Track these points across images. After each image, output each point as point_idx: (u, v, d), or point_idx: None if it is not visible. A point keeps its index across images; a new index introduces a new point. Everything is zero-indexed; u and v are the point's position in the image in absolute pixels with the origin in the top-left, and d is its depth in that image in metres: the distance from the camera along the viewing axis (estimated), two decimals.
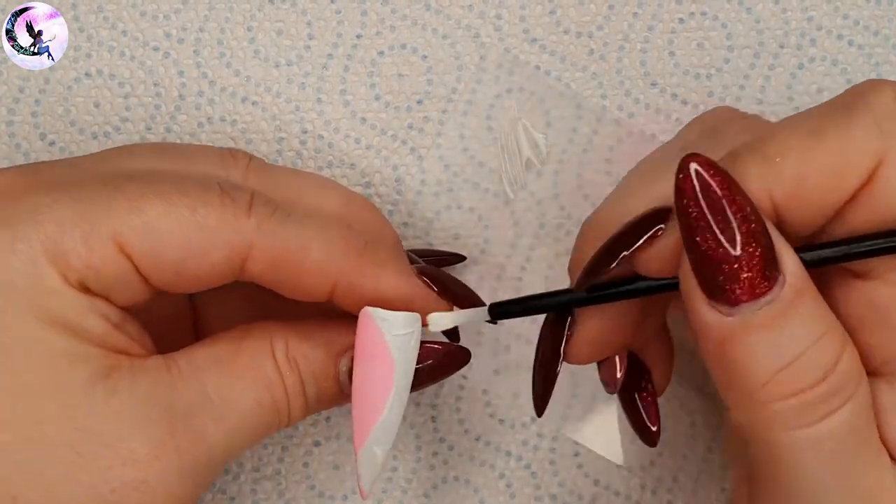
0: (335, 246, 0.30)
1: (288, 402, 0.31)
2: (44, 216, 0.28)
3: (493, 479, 0.39)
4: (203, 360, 0.30)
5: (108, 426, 0.28)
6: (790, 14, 0.39)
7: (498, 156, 0.39)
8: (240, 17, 0.39)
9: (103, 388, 0.28)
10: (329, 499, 0.39)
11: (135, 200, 0.29)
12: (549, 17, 0.39)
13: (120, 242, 0.28)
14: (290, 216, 0.30)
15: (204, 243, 0.29)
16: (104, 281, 0.28)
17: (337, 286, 0.30)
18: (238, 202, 0.29)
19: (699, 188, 0.26)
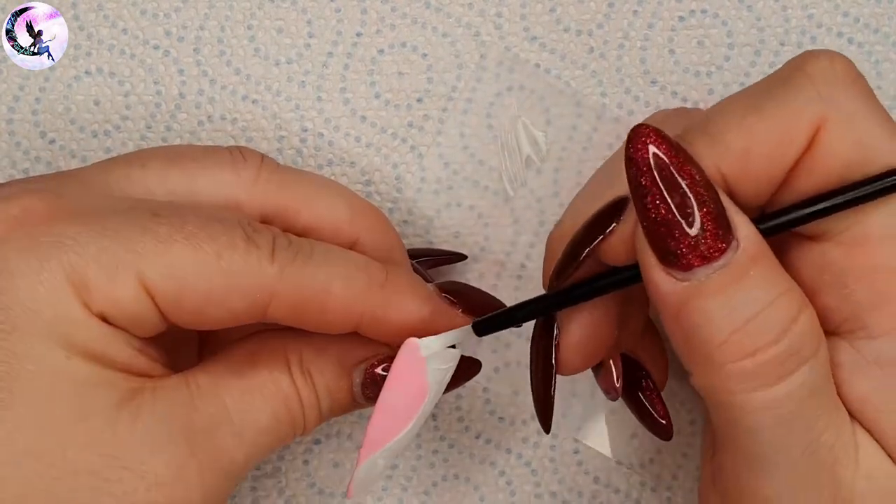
0: (357, 282, 0.30)
1: (304, 414, 0.31)
2: (69, 247, 0.28)
3: (493, 476, 0.39)
4: (221, 376, 0.30)
5: (132, 450, 0.28)
6: (790, 12, 0.39)
7: (498, 154, 0.39)
8: (240, 16, 0.39)
9: (127, 413, 0.28)
10: (329, 496, 0.39)
11: (162, 241, 0.29)
12: (549, 16, 0.39)
13: (144, 283, 0.28)
14: (311, 258, 0.30)
15: (227, 289, 0.29)
16: (125, 316, 0.29)
17: (361, 320, 0.31)
18: (262, 248, 0.29)
19: (650, 157, 0.26)
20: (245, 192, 0.32)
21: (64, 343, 0.28)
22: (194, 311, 0.29)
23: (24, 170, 0.38)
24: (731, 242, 0.26)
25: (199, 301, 0.29)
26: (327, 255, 0.31)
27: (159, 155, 0.32)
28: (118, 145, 0.38)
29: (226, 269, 0.29)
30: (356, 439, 0.39)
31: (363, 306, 0.30)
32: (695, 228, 0.26)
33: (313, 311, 0.30)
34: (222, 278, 0.29)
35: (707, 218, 0.26)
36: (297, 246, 0.30)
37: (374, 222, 0.34)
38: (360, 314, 0.30)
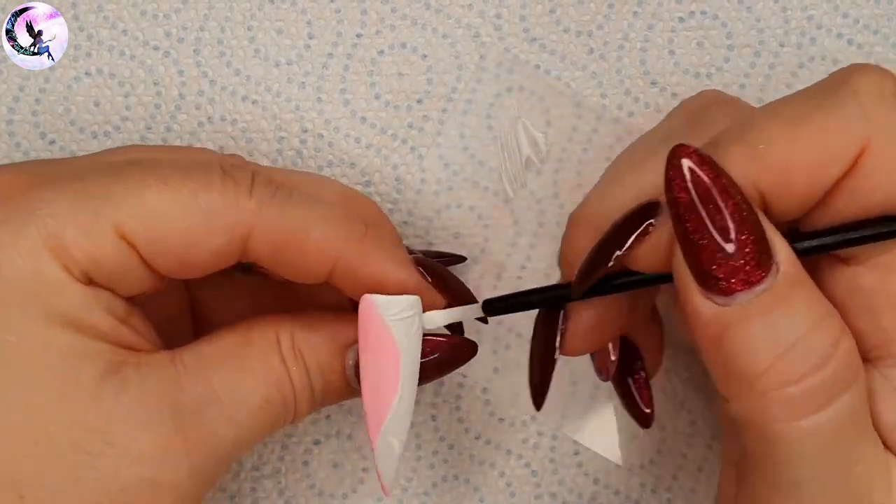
0: (337, 228, 0.30)
1: (295, 397, 0.31)
2: (43, 210, 0.28)
3: (493, 477, 0.39)
4: (209, 356, 0.30)
5: (117, 425, 0.28)
6: (790, 13, 0.39)
7: (498, 154, 0.39)
8: (240, 17, 0.39)
9: (111, 386, 0.28)
10: (329, 497, 0.39)
11: (135, 186, 0.28)
12: (548, 17, 0.39)
13: (122, 231, 0.28)
14: (291, 197, 0.30)
15: (207, 227, 0.29)
16: (108, 271, 0.28)
17: (336, 268, 0.30)
18: (240, 183, 0.29)
19: (689, 180, 0.26)
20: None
21: (45, 312, 0.28)
22: (176, 253, 0.29)
23: None
24: (771, 266, 0.26)
25: (179, 242, 0.28)
26: (307, 199, 0.30)
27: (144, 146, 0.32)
28: (118, 146, 0.38)
29: (203, 206, 0.28)
30: (356, 439, 0.39)
31: (339, 252, 0.30)
32: (736, 252, 0.26)
33: (291, 250, 0.30)
34: (200, 216, 0.28)
35: (748, 241, 0.26)
36: (276, 185, 0.30)
37: (365, 207, 0.34)
38: (335, 260, 0.30)
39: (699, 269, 0.26)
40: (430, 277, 0.32)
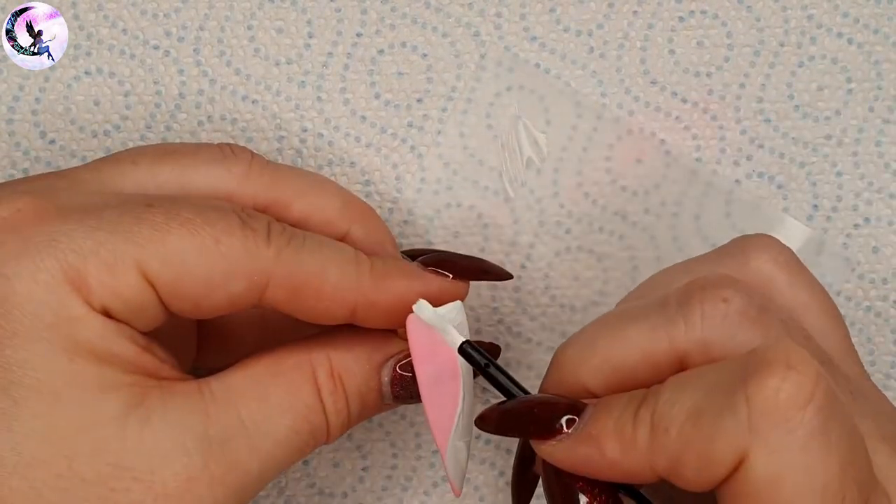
0: (349, 269, 0.30)
1: (327, 423, 0.31)
2: (64, 245, 0.28)
3: (492, 476, 0.39)
4: (238, 386, 0.30)
5: (141, 459, 0.28)
6: (790, 12, 0.39)
7: (499, 154, 0.39)
8: (240, 16, 0.39)
9: (136, 419, 0.28)
10: (329, 496, 0.39)
11: (158, 229, 0.28)
12: (548, 15, 0.39)
13: (144, 271, 0.28)
14: (305, 243, 0.30)
15: (226, 273, 0.29)
16: (127, 308, 0.28)
17: (357, 307, 0.30)
18: (258, 232, 0.29)
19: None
20: (236, 186, 0.32)
21: (67, 345, 0.27)
22: (194, 297, 0.29)
23: (24, 170, 0.38)
24: None
25: (199, 286, 0.29)
26: (320, 243, 0.30)
27: (149, 151, 0.32)
28: (118, 145, 0.38)
29: (224, 252, 0.29)
30: (356, 439, 0.39)
31: (356, 293, 0.30)
32: None
33: (309, 297, 0.30)
34: (221, 262, 0.29)
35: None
36: (290, 232, 0.30)
37: (364, 215, 0.34)
38: (354, 301, 0.30)
39: None
40: (443, 268, 0.32)
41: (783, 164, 0.39)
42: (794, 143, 0.39)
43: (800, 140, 0.39)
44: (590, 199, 0.39)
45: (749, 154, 0.39)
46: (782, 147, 0.39)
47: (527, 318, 0.39)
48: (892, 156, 0.39)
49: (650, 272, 0.38)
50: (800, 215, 0.39)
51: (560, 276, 0.39)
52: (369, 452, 0.39)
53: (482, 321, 0.39)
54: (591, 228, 0.39)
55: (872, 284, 0.39)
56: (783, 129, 0.39)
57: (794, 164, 0.39)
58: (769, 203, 0.39)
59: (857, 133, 0.39)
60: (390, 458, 0.39)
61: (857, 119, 0.39)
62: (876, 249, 0.39)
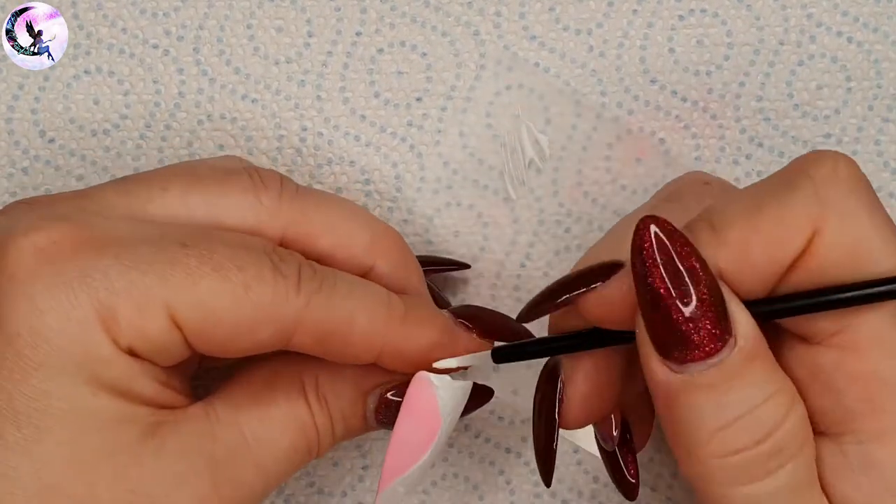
0: (378, 314, 0.31)
1: (318, 441, 0.32)
2: (98, 283, 0.28)
3: (492, 475, 0.39)
4: (240, 403, 0.31)
5: (157, 485, 0.28)
6: (790, 11, 0.39)
7: (501, 156, 0.39)
8: (239, 15, 0.39)
9: (152, 447, 0.29)
10: (328, 496, 0.39)
11: (191, 274, 0.29)
12: (548, 14, 0.39)
13: (173, 315, 0.29)
14: (335, 289, 0.30)
15: (255, 320, 0.29)
16: (153, 349, 0.29)
17: (382, 353, 0.31)
18: (288, 277, 0.30)
19: (656, 247, 0.27)
20: (267, 218, 0.32)
21: (91, 380, 0.28)
22: (221, 341, 0.29)
23: (24, 168, 0.38)
24: (728, 340, 0.27)
25: (227, 332, 0.29)
26: (351, 288, 0.31)
27: (179, 176, 0.32)
28: (117, 144, 0.38)
29: (254, 300, 0.29)
30: (356, 439, 0.39)
31: (384, 339, 0.31)
32: (694, 322, 0.26)
33: (337, 343, 0.30)
34: (250, 310, 0.29)
35: (706, 312, 0.26)
36: (321, 276, 0.30)
37: (393, 248, 0.34)
38: (381, 347, 0.31)
39: (657, 334, 0.27)
40: (472, 323, 0.33)
41: (783, 162, 0.39)
42: (794, 142, 0.39)
43: (799, 139, 0.39)
44: (589, 198, 0.39)
45: (749, 153, 0.39)
46: (782, 146, 0.39)
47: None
48: (892, 154, 0.39)
49: None
50: None
51: (560, 274, 0.39)
52: (369, 451, 0.39)
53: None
54: (591, 227, 0.39)
55: None
56: (783, 127, 0.39)
57: None
58: None
59: (857, 132, 0.39)
60: None
61: (856, 118, 0.39)
62: None
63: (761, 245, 0.27)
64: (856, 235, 0.27)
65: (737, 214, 0.28)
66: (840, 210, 0.27)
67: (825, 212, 0.27)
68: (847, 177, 0.28)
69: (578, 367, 0.31)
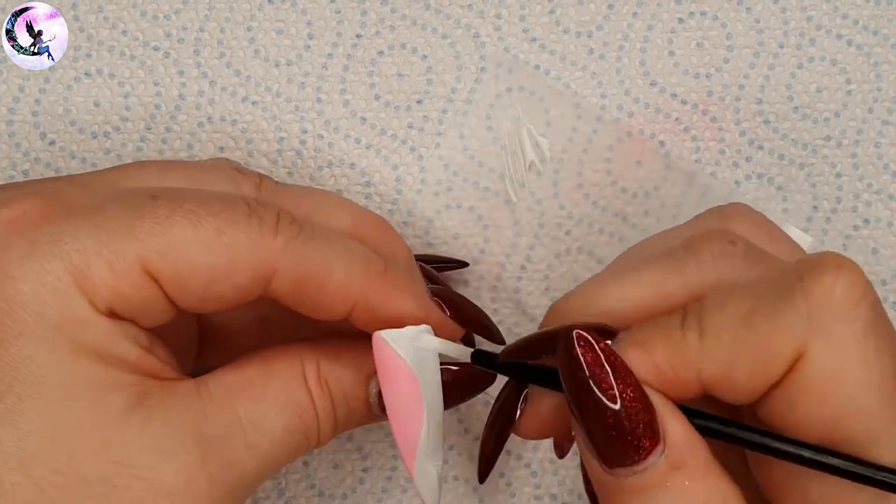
0: (357, 267, 0.30)
1: (318, 426, 0.31)
2: (68, 245, 0.28)
3: (493, 478, 0.39)
4: (234, 385, 0.30)
5: (142, 457, 0.28)
6: (790, 14, 0.39)
7: (501, 159, 0.39)
8: (240, 17, 0.39)
9: (137, 418, 0.28)
10: (329, 498, 0.39)
11: (160, 222, 0.28)
12: (548, 17, 0.39)
13: (146, 267, 0.28)
14: (314, 235, 0.30)
15: (231, 265, 0.29)
16: (132, 306, 0.28)
17: (356, 306, 0.30)
18: (265, 221, 0.29)
19: (583, 358, 0.27)
20: None
21: (72, 345, 0.28)
22: (199, 290, 0.29)
23: (24, 171, 0.38)
24: (654, 448, 0.26)
25: (203, 279, 0.29)
26: (330, 236, 0.30)
27: (158, 161, 0.32)
28: (118, 146, 0.38)
29: (228, 244, 0.28)
30: (356, 440, 0.39)
31: (359, 292, 0.30)
32: (619, 430, 0.26)
33: (312, 290, 0.30)
34: (224, 254, 0.28)
35: (633, 421, 0.26)
36: (300, 223, 0.30)
37: (376, 231, 0.34)
38: (355, 300, 0.30)
39: (588, 435, 0.27)
40: (447, 308, 0.32)
41: (783, 165, 0.39)
42: (794, 145, 0.39)
43: (799, 141, 0.39)
44: (590, 200, 0.39)
45: (748, 155, 0.39)
46: (782, 148, 0.39)
47: (527, 320, 0.39)
48: (891, 157, 0.39)
49: None
50: (799, 217, 0.39)
51: (560, 277, 0.39)
52: (369, 454, 0.39)
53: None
54: (591, 230, 0.39)
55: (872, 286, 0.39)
56: (782, 130, 0.39)
57: (793, 165, 0.39)
58: (769, 204, 0.39)
59: (857, 134, 0.39)
60: (390, 459, 0.39)
61: (856, 120, 0.39)
62: (875, 251, 0.39)
63: (746, 364, 0.27)
64: (839, 365, 0.26)
65: (727, 324, 0.27)
66: (827, 336, 0.26)
67: (812, 337, 0.26)
68: (843, 299, 0.26)
69: (545, 393, 0.31)
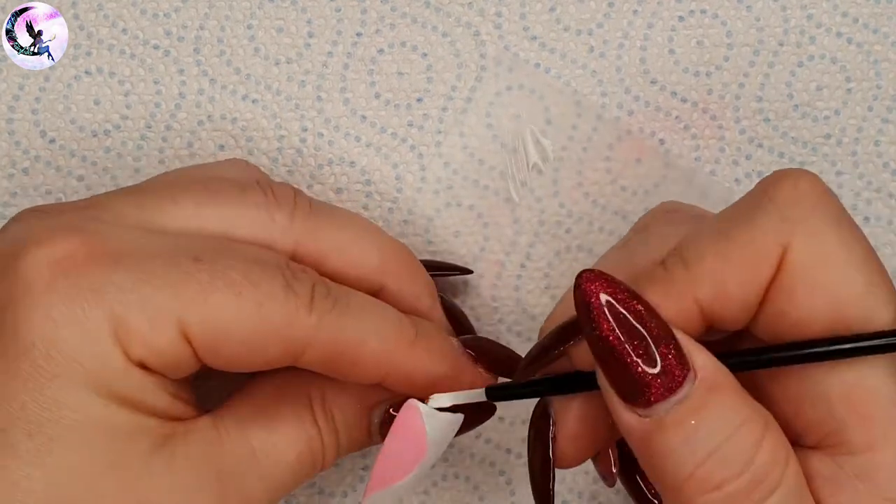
0: (389, 338, 0.31)
1: (323, 453, 0.32)
2: (111, 296, 0.28)
3: (493, 476, 0.39)
4: (247, 417, 0.31)
5: (165, 497, 0.29)
6: (789, 12, 0.39)
7: (503, 158, 0.39)
8: (240, 15, 0.39)
9: (162, 459, 0.29)
10: (329, 496, 0.39)
11: (203, 290, 0.29)
12: (548, 15, 0.39)
13: (184, 329, 0.29)
14: (348, 309, 0.30)
15: (265, 338, 0.29)
16: (164, 362, 0.29)
17: (388, 375, 0.31)
18: (301, 297, 0.30)
19: (598, 299, 0.27)
20: (279, 236, 0.32)
21: (103, 391, 0.28)
22: (230, 356, 0.29)
23: (24, 169, 0.38)
24: (687, 375, 0.27)
25: (237, 348, 0.29)
26: (363, 308, 0.31)
27: (191, 189, 0.32)
28: (118, 145, 0.38)
29: (265, 317, 0.29)
30: None
31: (391, 363, 0.31)
32: (650, 365, 0.27)
33: (345, 363, 0.30)
34: (261, 327, 0.29)
35: (661, 353, 0.27)
36: (334, 295, 0.30)
37: (403, 268, 0.34)
38: (387, 370, 0.31)
39: (617, 383, 0.27)
40: (478, 357, 0.33)
41: (783, 163, 0.39)
42: (794, 143, 0.39)
43: (799, 139, 0.39)
44: (590, 198, 0.39)
45: (748, 153, 0.39)
46: (781, 146, 0.39)
47: (527, 318, 0.39)
48: (891, 155, 0.39)
49: None
50: None
51: (560, 275, 0.39)
52: (369, 452, 0.39)
53: (482, 321, 0.39)
54: (591, 228, 0.39)
55: None
56: (782, 128, 0.39)
57: (793, 163, 0.39)
58: None
59: (857, 133, 0.39)
60: None
61: (856, 119, 0.39)
62: (876, 249, 0.39)
63: (734, 273, 0.27)
64: (822, 251, 0.27)
65: (706, 246, 0.28)
66: (805, 227, 0.27)
67: (791, 230, 0.27)
68: (809, 193, 0.28)
69: (568, 407, 0.31)
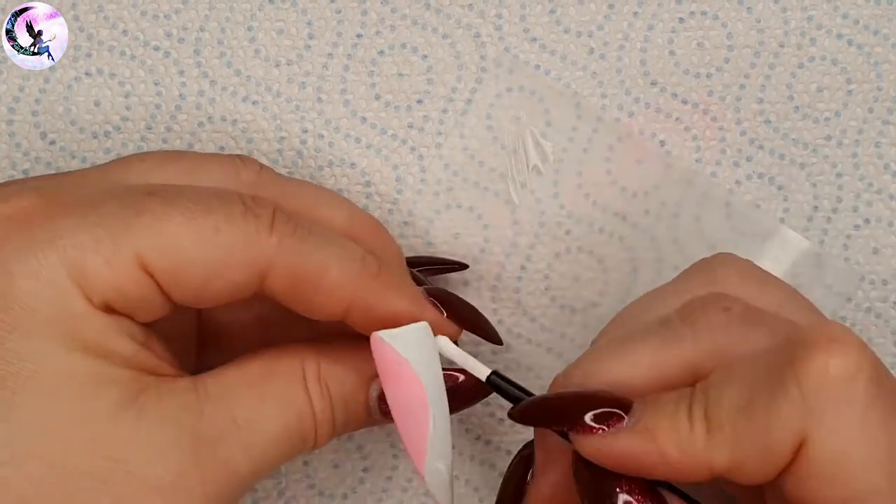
0: (352, 267, 0.30)
1: (315, 428, 0.31)
2: (65, 241, 0.28)
3: (492, 478, 0.39)
4: (233, 384, 0.30)
5: (134, 453, 0.28)
6: (790, 13, 0.39)
7: (503, 161, 0.39)
8: (240, 17, 0.39)
9: (131, 413, 0.28)
10: (329, 497, 0.39)
11: (157, 219, 0.28)
12: (549, 17, 0.39)
13: (143, 262, 0.28)
14: (310, 234, 0.30)
15: (226, 261, 0.29)
16: (128, 301, 0.28)
17: (351, 306, 0.30)
18: (261, 218, 0.29)
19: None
20: (246, 189, 0.32)
21: (67, 340, 0.28)
22: (194, 286, 0.29)
23: (25, 170, 0.38)
24: None
25: (199, 275, 0.29)
26: (325, 237, 0.30)
27: (157, 152, 0.32)
28: (118, 146, 0.38)
29: (223, 241, 0.29)
30: (356, 440, 0.39)
31: (354, 292, 0.30)
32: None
33: (307, 289, 0.30)
34: (220, 251, 0.29)
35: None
36: (295, 221, 0.30)
37: (371, 231, 0.34)
38: (350, 300, 0.30)
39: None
40: (444, 307, 0.32)
41: (783, 165, 0.39)
42: (794, 144, 0.39)
43: (800, 141, 0.39)
44: (590, 200, 0.39)
45: (749, 155, 0.39)
46: (782, 148, 0.39)
47: (527, 320, 0.39)
48: (892, 157, 0.39)
49: (650, 273, 0.39)
50: (800, 216, 0.39)
51: (560, 277, 0.39)
52: (370, 453, 0.39)
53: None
54: (592, 230, 0.39)
55: (873, 286, 0.39)
56: (783, 130, 0.39)
57: (794, 165, 0.39)
58: (769, 204, 0.39)
59: (857, 134, 0.39)
60: (391, 459, 0.39)
61: (856, 120, 0.39)
62: (876, 251, 0.39)
63: (751, 455, 0.27)
64: (842, 448, 0.26)
65: (727, 417, 0.27)
66: (827, 420, 0.26)
67: (812, 423, 0.26)
68: (838, 380, 0.26)
69: (550, 463, 0.31)
